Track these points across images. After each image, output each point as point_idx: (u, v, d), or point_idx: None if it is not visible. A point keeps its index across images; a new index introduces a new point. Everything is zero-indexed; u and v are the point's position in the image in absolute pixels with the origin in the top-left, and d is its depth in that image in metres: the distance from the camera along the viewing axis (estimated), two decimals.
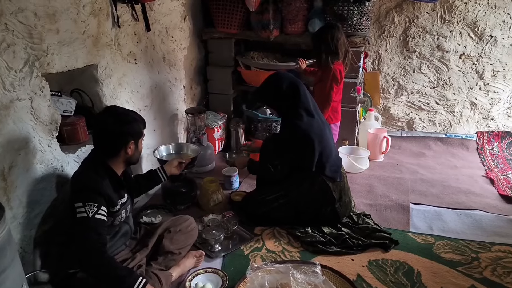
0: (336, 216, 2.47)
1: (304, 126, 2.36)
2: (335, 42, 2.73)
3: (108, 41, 2.41)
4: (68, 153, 2.18)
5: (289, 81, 2.44)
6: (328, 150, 2.44)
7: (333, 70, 2.76)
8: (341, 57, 2.76)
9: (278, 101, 2.45)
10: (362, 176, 3.18)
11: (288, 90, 2.41)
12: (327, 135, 2.47)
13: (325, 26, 2.90)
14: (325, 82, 2.80)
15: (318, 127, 2.41)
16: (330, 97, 2.81)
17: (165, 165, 2.38)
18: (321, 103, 2.83)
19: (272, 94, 2.46)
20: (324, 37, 2.77)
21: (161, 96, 3.05)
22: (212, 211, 2.66)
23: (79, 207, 1.71)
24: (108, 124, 1.82)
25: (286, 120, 2.47)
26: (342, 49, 2.75)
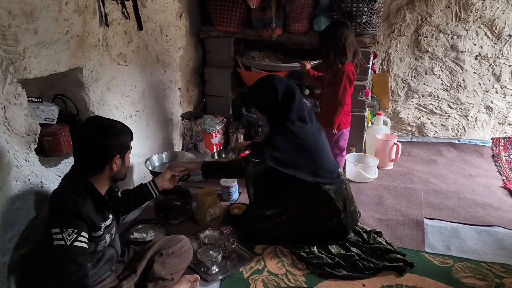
0: (343, 229, 2.26)
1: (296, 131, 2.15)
2: (343, 41, 2.52)
3: (95, 42, 2.19)
4: (49, 167, 1.96)
5: (285, 87, 2.21)
6: (323, 158, 2.24)
7: (346, 71, 2.54)
8: (349, 57, 2.55)
9: (272, 108, 2.23)
10: (371, 187, 2.96)
11: (284, 97, 2.19)
12: (322, 142, 2.26)
13: (332, 24, 2.70)
14: (337, 85, 2.58)
15: (312, 134, 2.20)
16: (344, 100, 2.61)
17: (157, 178, 2.17)
18: (332, 107, 2.62)
19: (265, 100, 2.24)
20: (332, 36, 2.56)
21: (154, 100, 2.83)
22: (209, 226, 2.46)
23: (56, 233, 1.50)
24: (91, 137, 1.61)
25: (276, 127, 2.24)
26: (351, 48, 2.54)
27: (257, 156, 2.15)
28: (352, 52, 2.56)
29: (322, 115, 2.76)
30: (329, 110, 2.66)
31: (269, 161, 2.12)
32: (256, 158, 2.14)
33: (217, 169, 2.26)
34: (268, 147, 2.14)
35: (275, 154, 2.13)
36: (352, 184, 2.93)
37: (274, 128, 2.27)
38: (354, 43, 2.57)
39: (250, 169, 2.16)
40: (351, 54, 2.56)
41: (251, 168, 2.15)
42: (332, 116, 2.63)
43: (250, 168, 2.15)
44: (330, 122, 2.65)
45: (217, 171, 2.26)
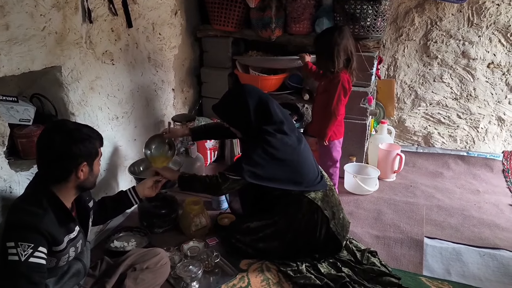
0: (334, 239, 2.11)
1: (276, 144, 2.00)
2: (332, 47, 2.35)
3: (77, 39, 2.06)
4: (20, 171, 1.84)
5: (256, 100, 2.06)
6: (304, 167, 2.10)
7: (341, 80, 2.37)
8: (339, 64, 2.37)
9: (245, 123, 2.08)
10: (370, 200, 2.79)
11: (257, 111, 2.05)
12: (302, 150, 2.10)
13: (328, 29, 2.54)
14: (331, 93, 2.42)
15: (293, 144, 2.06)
16: (337, 111, 2.44)
17: (138, 185, 2.05)
18: (325, 117, 2.46)
19: (237, 116, 2.10)
20: (322, 41, 2.42)
21: (144, 101, 2.70)
22: (194, 237, 2.33)
23: (10, 248, 1.38)
24: (53, 143, 1.47)
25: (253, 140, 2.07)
26: (340, 55, 2.36)
27: (235, 173, 1.99)
28: (343, 59, 2.38)
29: (313, 123, 2.61)
30: (321, 119, 2.50)
31: (248, 178, 1.98)
32: (234, 175, 1.99)
33: (192, 183, 2.10)
34: (247, 163, 1.99)
35: (255, 170, 1.99)
36: (350, 197, 2.80)
37: (250, 142, 2.10)
38: (348, 50, 2.38)
39: (226, 186, 2.01)
40: (342, 61, 2.37)
41: (228, 186, 2.00)
42: (325, 127, 2.47)
43: (227, 185, 2.00)
44: (322, 133, 2.49)
45: (192, 185, 2.10)
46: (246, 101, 2.05)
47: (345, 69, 2.40)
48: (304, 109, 3.60)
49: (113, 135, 2.42)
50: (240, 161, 2.04)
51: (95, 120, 2.26)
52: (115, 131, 2.45)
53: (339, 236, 2.12)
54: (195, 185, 2.09)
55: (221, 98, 2.20)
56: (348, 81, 2.40)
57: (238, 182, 2.00)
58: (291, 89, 3.12)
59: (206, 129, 2.46)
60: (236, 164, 2.06)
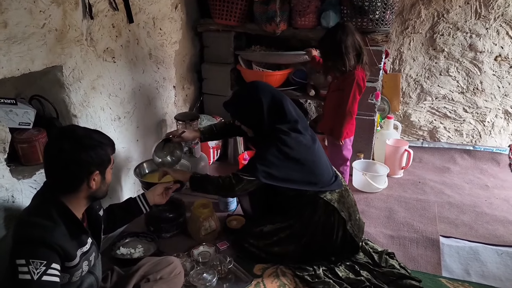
0: (351, 241, 2.05)
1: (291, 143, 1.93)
2: (337, 46, 2.26)
3: (78, 36, 1.94)
4: (22, 178, 1.73)
5: (270, 98, 1.98)
6: (318, 167, 2.03)
7: (356, 78, 2.29)
8: (349, 62, 2.27)
9: (258, 122, 1.99)
10: (380, 198, 2.73)
11: (271, 109, 1.97)
12: (316, 150, 2.04)
13: (328, 30, 2.43)
14: (346, 92, 2.33)
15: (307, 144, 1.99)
16: (353, 110, 2.36)
17: (147, 192, 1.94)
18: (337, 115, 2.37)
19: (249, 114, 2.01)
20: (326, 43, 2.34)
21: (146, 99, 2.58)
22: (204, 241, 2.24)
23: (21, 265, 1.27)
24: (63, 151, 1.36)
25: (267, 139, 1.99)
26: (348, 52, 2.26)
27: (249, 174, 1.91)
28: (352, 55, 2.28)
29: (325, 121, 2.52)
30: (334, 117, 2.42)
31: (263, 179, 1.90)
32: (248, 175, 1.91)
33: (205, 184, 2.00)
34: (261, 163, 1.92)
35: (269, 170, 1.91)
36: (359, 195, 2.74)
37: (263, 141, 2.02)
38: (356, 45, 2.29)
39: (240, 188, 1.92)
40: (352, 58, 2.28)
41: (242, 187, 1.92)
42: (339, 127, 2.39)
43: (241, 186, 1.92)
44: (337, 133, 2.41)
45: (204, 186, 2.01)
46: (259, 99, 1.96)
47: (358, 65, 2.31)
48: (307, 104, 3.52)
49: (115, 137, 2.31)
50: (254, 161, 1.96)
51: (98, 122, 2.15)
52: (118, 132, 2.33)
53: (356, 238, 2.06)
54: (207, 186, 1.99)
55: (232, 95, 2.11)
56: (363, 78, 2.32)
57: (252, 183, 1.92)
58: (296, 85, 3.04)
59: (216, 130, 2.35)
60: (250, 164, 1.98)
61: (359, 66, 2.32)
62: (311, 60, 2.65)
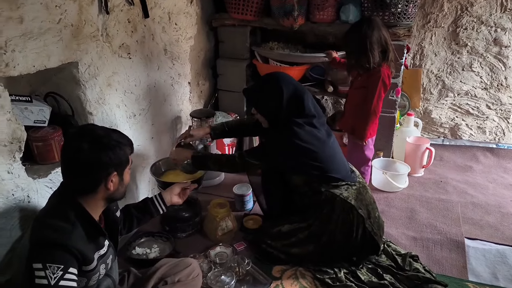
0: (371, 240, 1.98)
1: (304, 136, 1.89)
2: (362, 42, 2.18)
3: (93, 32, 1.89)
4: (37, 178, 1.69)
5: (292, 90, 1.94)
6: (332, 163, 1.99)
7: (382, 75, 2.20)
8: (374, 59, 2.19)
9: (274, 112, 1.95)
10: (401, 197, 2.66)
11: (290, 101, 1.92)
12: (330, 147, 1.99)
13: (355, 24, 2.33)
14: (370, 90, 2.24)
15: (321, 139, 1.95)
16: (378, 109, 2.28)
17: (164, 192, 1.89)
18: (362, 115, 2.29)
19: (268, 103, 1.96)
20: (350, 38, 2.25)
21: (161, 96, 2.53)
22: (220, 242, 2.20)
23: (38, 270, 1.23)
24: (81, 151, 1.31)
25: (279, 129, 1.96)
26: (373, 48, 2.18)
27: (254, 158, 1.97)
28: (377, 51, 2.19)
29: (346, 119, 2.44)
30: (356, 116, 2.34)
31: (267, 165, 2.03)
32: (254, 159, 1.97)
33: (207, 161, 2.07)
34: (269, 150, 1.97)
35: (276, 158, 1.96)
36: (379, 194, 2.67)
37: (276, 131, 1.98)
38: (382, 41, 2.20)
39: (242, 167, 2.04)
40: (377, 54, 2.19)
41: (244, 167, 2.04)
42: (363, 127, 2.31)
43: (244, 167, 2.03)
44: (360, 133, 2.33)
45: (206, 163, 2.07)
46: (281, 88, 1.92)
47: (383, 62, 2.22)
48: (323, 101, 3.44)
49: (131, 134, 2.24)
50: (262, 148, 2.01)
51: (113, 119, 2.10)
52: (133, 129, 2.29)
53: (376, 236, 1.99)
54: (209, 163, 2.07)
55: (254, 82, 2.06)
56: (388, 76, 2.23)
57: (256, 166, 2.01)
58: (313, 81, 2.96)
59: (227, 128, 2.30)
60: (258, 149, 2.05)
61: (385, 63, 2.23)
62: (332, 62, 2.57)
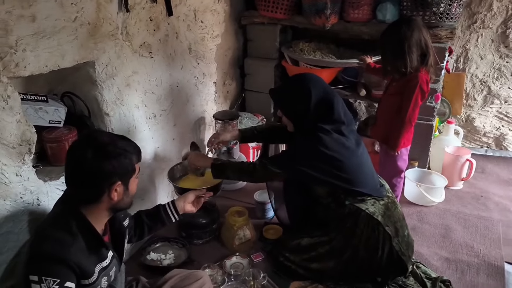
0: (399, 261, 1.81)
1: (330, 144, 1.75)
2: (400, 44, 2.00)
3: (112, 30, 1.83)
4: (49, 180, 1.65)
5: (321, 94, 1.80)
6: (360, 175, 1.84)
7: (419, 82, 2.02)
8: (411, 63, 2.00)
9: (301, 115, 1.82)
10: (435, 212, 2.46)
11: (318, 106, 1.78)
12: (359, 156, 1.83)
13: (391, 23, 2.15)
14: (407, 97, 2.06)
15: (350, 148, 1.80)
16: (413, 118, 2.10)
17: (178, 199, 1.82)
18: (396, 123, 2.12)
19: (294, 105, 1.83)
20: (387, 39, 2.07)
21: (184, 96, 2.46)
22: (237, 251, 2.10)
23: (34, 282, 1.18)
24: (84, 159, 1.25)
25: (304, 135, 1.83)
26: (411, 51, 1.99)
27: (276, 167, 1.84)
28: (416, 55, 2.00)
29: (378, 126, 2.26)
30: (389, 123, 2.16)
31: (289, 175, 1.87)
32: (275, 167, 1.84)
33: (226, 170, 1.94)
34: (292, 158, 1.83)
35: (298, 167, 1.80)
36: (411, 208, 2.49)
37: (301, 136, 1.86)
38: (421, 43, 2.01)
39: (263, 176, 1.90)
40: (415, 58, 2.00)
41: (265, 176, 1.90)
42: (396, 136, 2.13)
43: (264, 175, 1.88)
44: (393, 143, 2.16)
45: (226, 173, 1.95)
46: (309, 90, 1.79)
47: (421, 67, 2.04)
48: (356, 104, 3.26)
49: (150, 136, 2.20)
50: (285, 154, 1.88)
51: (131, 120, 2.04)
52: (153, 131, 2.22)
53: (404, 257, 1.82)
54: (229, 172, 1.94)
55: (282, 83, 1.94)
56: (427, 82, 2.04)
57: (277, 175, 1.88)
58: (345, 84, 2.80)
59: (256, 131, 2.20)
60: (280, 157, 1.91)
61: (423, 68, 2.04)
62: (366, 68, 2.40)
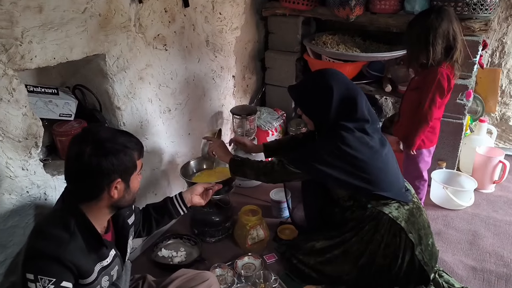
0: (420, 269, 1.69)
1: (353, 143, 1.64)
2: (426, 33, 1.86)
3: (124, 22, 1.78)
4: (56, 174, 1.63)
5: (343, 91, 1.69)
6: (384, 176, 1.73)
7: (438, 76, 1.88)
8: (434, 55, 1.86)
9: (322, 114, 1.71)
10: (463, 216, 2.31)
11: (340, 104, 1.68)
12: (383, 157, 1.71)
13: (421, 12, 2.01)
14: (424, 92, 1.93)
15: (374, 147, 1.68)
16: (430, 115, 1.95)
17: (185, 192, 1.76)
18: (413, 121, 1.99)
19: (315, 103, 1.73)
20: (414, 27, 1.94)
21: (200, 90, 2.40)
22: (250, 251, 2.04)
23: (30, 281, 1.15)
24: (82, 155, 1.20)
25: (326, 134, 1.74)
26: (436, 43, 1.84)
27: (295, 166, 1.74)
28: (440, 47, 1.86)
29: (400, 124, 2.13)
30: (409, 121, 2.03)
31: (309, 175, 1.74)
32: (294, 167, 1.74)
33: (245, 168, 1.86)
34: (312, 158, 1.71)
35: (319, 167, 1.68)
36: (437, 211, 2.35)
37: (322, 135, 1.77)
38: (449, 35, 1.86)
39: (281, 176, 1.80)
40: (439, 50, 1.86)
41: (283, 176, 1.80)
42: (413, 134, 2.00)
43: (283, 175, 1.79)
44: (409, 141, 2.03)
45: (244, 170, 1.87)
46: (330, 88, 1.68)
47: (444, 61, 1.89)
48: (382, 100, 3.12)
49: (164, 130, 2.16)
50: (305, 154, 1.75)
51: (144, 114, 2.00)
52: (167, 125, 2.18)
53: (426, 267, 1.71)
54: (246, 169, 1.86)
55: (301, 79, 1.85)
56: (448, 78, 1.89)
57: (296, 175, 1.77)
58: (370, 78, 2.67)
59: (279, 145, 2.16)
60: (300, 156, 1.78)
61: (446, 63, 1.90)
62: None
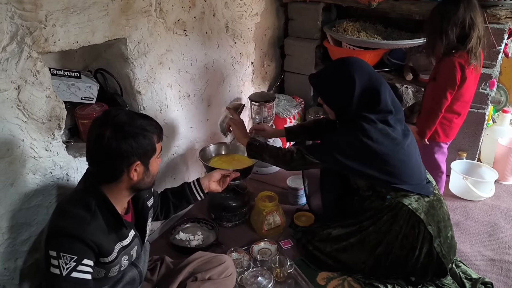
0: (438, 262, 1.69)
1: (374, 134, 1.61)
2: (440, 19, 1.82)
3: (145, 7, 1.80)
4: (79, 156, 1.66)
5: (366, 81, 1.64)
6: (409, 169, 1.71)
7: (449, 66, 1.84)
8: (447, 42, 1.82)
9: (343, 105, 1.68)
10: (482, 208, 2.28)
11: (363, 95, 1.64)
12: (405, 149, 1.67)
13: None
14: (438, 82, 1.90)
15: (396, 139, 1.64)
16: (439, 106, 1.91)
17: (203, 178, 1.78)
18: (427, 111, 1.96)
19: (336, 94, 1.70)
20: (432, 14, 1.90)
21: (219, 76, 2.41)
22: (266, 237, 2.06)
23: (53, 258, 1.19)
24: (102, 137, 1.22)
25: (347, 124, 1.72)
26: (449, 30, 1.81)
27: (314, 156, 1.73)
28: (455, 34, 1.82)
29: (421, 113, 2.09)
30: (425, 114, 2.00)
31: (328, 164, 1.74)
32: (313, 157, 1.72)
33: (263, 152, 1.86)
34: (332, 148, 1.69)
35: (339, 158, 1.66)
36: (456, 202, 2.33)
37: (344, 125, 1.75)
38: (465, 23, 1.81)
39: (299, 165, 1.79)
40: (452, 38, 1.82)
41: (301, 165, 1.78)
42: (423, 124, 1.97)
43: (301, 164, 1.77)
44: (420, 131, 2.00)
45: (261, 154, 1.87)
46: (352, 77, 1.64)
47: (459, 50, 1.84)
48: (403, 89, 3.07)
49: (183, 116, 2.18)
50: (325, 143, 1.74)
51: (164, 99, 2.02)
52: (186, 110, 2.20)
53: (444, 260, 1.69)
54: (264, 154, 1.86)
55: (322, 68, 1.83)
56: (461, 68, 1.84)
57: (315, 165, 1.77)
58: (391, 66, 2.63)
59: (302, 129, 2.14)
60: (319, 146, 1.77)
61: (461, 51, 1.85)
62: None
